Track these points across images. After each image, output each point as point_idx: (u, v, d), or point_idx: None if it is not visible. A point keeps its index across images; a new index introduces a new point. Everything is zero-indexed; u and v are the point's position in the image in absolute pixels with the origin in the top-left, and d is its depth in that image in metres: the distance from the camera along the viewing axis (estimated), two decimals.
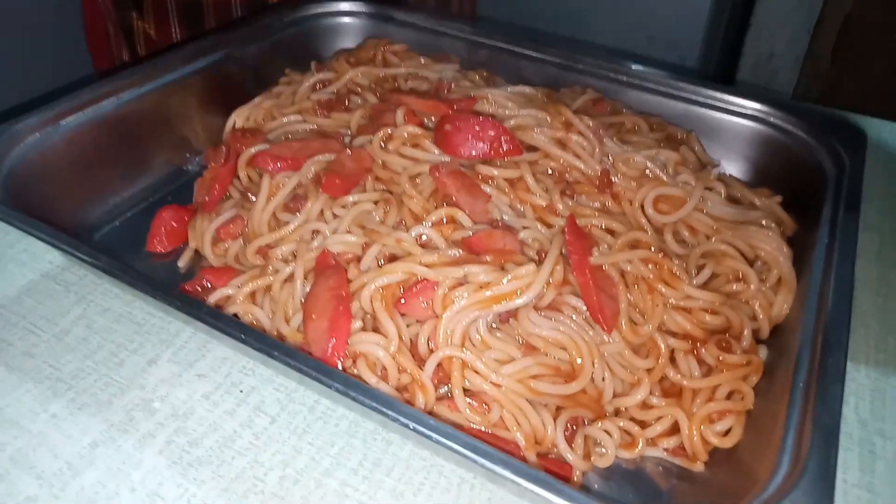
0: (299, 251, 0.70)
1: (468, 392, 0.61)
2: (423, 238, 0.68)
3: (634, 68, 0.96)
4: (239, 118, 0.91)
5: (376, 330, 0.63)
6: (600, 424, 0.62)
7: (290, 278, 0.69)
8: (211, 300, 0.70)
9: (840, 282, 0.63)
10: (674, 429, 0.62)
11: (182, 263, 0.80)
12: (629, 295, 0.67)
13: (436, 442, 0.49)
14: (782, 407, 0.55)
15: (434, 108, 0.81)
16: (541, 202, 0.73)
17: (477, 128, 0.75)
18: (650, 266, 0.69)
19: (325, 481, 0.60)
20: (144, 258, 0.81)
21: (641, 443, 0.62)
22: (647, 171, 0.78)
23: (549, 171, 0.77)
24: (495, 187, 0.74)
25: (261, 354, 0.55)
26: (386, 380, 0.61)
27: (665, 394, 0.64)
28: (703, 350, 0.65)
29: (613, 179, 0.76)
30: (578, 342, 0.63)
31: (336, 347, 0.61)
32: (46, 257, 0.81)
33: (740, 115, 0.90)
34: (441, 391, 0.63)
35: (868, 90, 1.88)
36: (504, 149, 0.75)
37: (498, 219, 0.72)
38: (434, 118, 0.81)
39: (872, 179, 0.96)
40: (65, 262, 0.80)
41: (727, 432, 0.61)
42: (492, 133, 0.74)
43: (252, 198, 0.77)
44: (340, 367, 0.61)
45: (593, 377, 0.63)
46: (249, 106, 0.92)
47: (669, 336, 0.66)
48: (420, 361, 0.62)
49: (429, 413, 0.59)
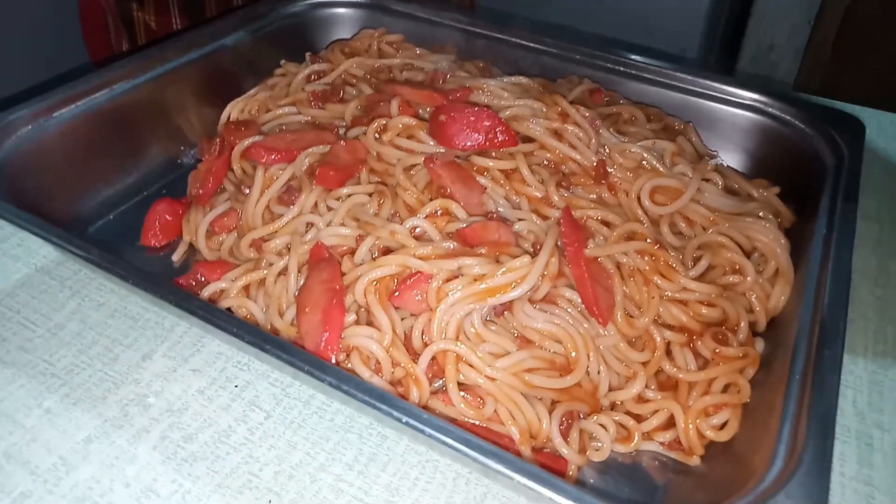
0: (293, 244, 0.70)
1: (463, 386, 0.61)
2: (418, 230, 0.68)
3: (632, 58, 0.95)
4: (234, 110, 0.91)
5: (370, 323, 0.63)
6: (596, 418, 0.61)
7: (284, 271, 0.68)
8: (204, 294, 0.70)
9: (837, 272, 0.63)
10: (670, 422, 0.62)
11: (176, 257, 0.79)
12: (625, 287, 0.66)
13: (428, 436, 0.49)
14: (779, 399, 0.54)
15: (429, 99, 0.80)
16: (536, 194, 0.72)
17: (472, 118, 0.74)
18: (646, 258, 0.68)
19: (320, 476, 0.59)
20: (139, 252, 0.81)
21: (637, 437, 0.61)
22: (644, 162, 0.77)
23: (545, 163, 0.76)
24: (490, 179, 0.73)
25: (253, 349, 0.55)
26: (380, 374, 0.61)
27: (661, 387, 0.64)
28: (700, 343, 0.65)
29: (609, 170, 0.76)
30: (574, 335, 0.62)
31: (329, 341, 0.60)
32: (41, 251, 0.81)
33: (738, 106, 0.89)
34: (436, 385, 0.62)
35: (869, 81, 1.87)
36: (499, 140, 0.74)
37: (493, 210, 0.71)
38: (429, 109, 0.80)
39: (872, 170, 0.96)
40: (59, 257, 0.80)
41: (723, 426, 0.61)
42: (487, 124, 0.74)
43: (246, 190, 0.77)
44: (334, 361, 0.60)
45: (589, 370, 0.62)
46: (244, 98, 0.92)
47: (665, 329, 0.66)
48: (414, 355, 0.62)
49: (423, 407, 0.59)
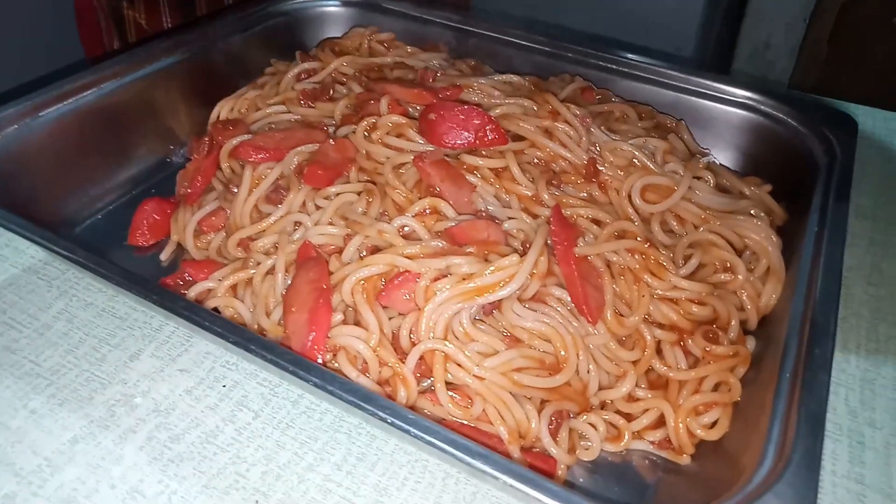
0: (280, 243, 0.69)
1: (451, 386, 0.61)
2: (406, 229, 0.67)
3: (624, 57, 0.94)
4: (223, 109, 0.90)
5: (358, 323, 0.63)
6: (585, 417, 0.61)
7: (272, 271, 0.68)
8: (191, 294, 0.69)
9: (829, 270, 0.62)
10: (660, 421, 0.62)
11: (164, 257, 0.79)
12: (615, 286, 0.66)
13: (414, 437, 0.49)
14: (769, 397, 0.54)
15: (419, 97, 0.80)
16: (526, 192, 0.72)
17: (462, 117, 0.73)
18: (636, 256, 0.68)
19: (309, 476, 0.59)
20: (127, 251, 0.80)
21: (627, 436, 0.61)
22: (635, 160, 0.77)
23: (536, 161, 0.76)
24: (480, 177, 0.73)
25: (238, 349, 0.54)
26: (367, 373, 0.61)
27: (651, 386, 0.64)
28: (690, 341, 0.65)
29: (600, 168, 0.75)
30: (563, 334, 0.62)
31: (316, 341, 0.60)
32: (28, 251, 0.80)
33: (730, 104, 0.89)
34: (424, 385, 0.62)
35: (864, 79, 1.87)
36: (489, 138, 0.73)
37: (483, 209, 0.71)
38: (419, 107, 0.79)
39: (866, 168, 0.96)
40: (47, 257, 0.79)
41: (714, 424, 0.61)
42: (477, 122, 0.73)
43: (234, 189, 0.76)
44: (320, 361, 0.60)
45: (578, 369, 0.62)
46: (234, 97, 0.91)
47: (656, 327, 0.66)
48: (402, 355, 0.61)
49: (411, 407, 0.59)
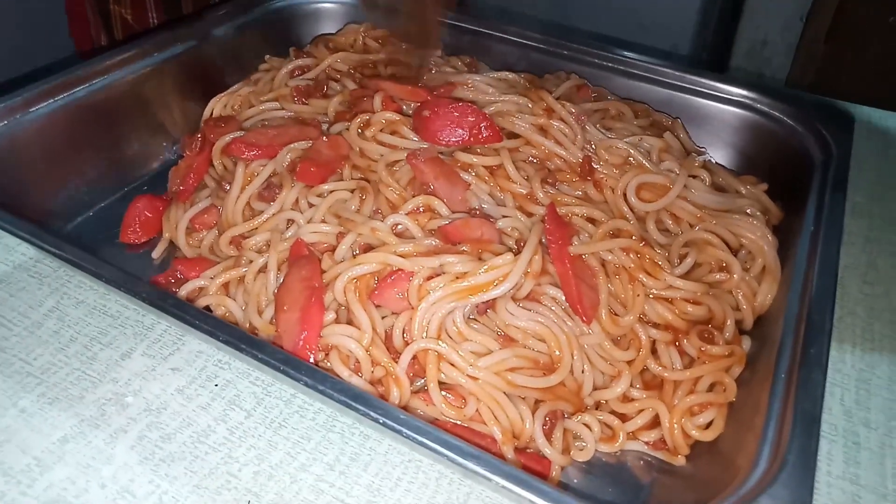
0: (273, 241, 0.69)
1: (445, 385, 0.60)
2: (399, 227, 0.67)
3: (620, 54, 0.94)
4: (217, 106, 0.90)
5: (350, 322, 0.62)
6: (580, 418, 0.61)
7: (264, 269, 0.67)
8: (182, 292, 0.69)
9: (824, 268, 0.62)
10: (655, 422, 0.61)
11: (156, 254, 0.78)
12: (610, 285, 0.66)
13: (407, 437, 0.48)
14: (764, 397, 0.54)
15: (413, 94, 0.79)
16: (521, 190, 0.72)
17: (456, 114, 0.73)
18: (631, 255, 0.67)
19: (301, 476, 0.58)
20: (118, 249, 0.80)
21: (622, 436, 0.61)
22: (630, 159, 0.76)
23: (530, 159, 0.75)
24: (474, 175, 0.72)
25: (229, 347, 0.54)
26: (359, 373, 0.60)
27: (646, 386, 0.63)
28: (685, 341, 0.64)
29: (595, 167, 0.75)
30: (557, 333, 0.61)
31: (307, 340, 0.59)
32: (19, 249, 0.79)
33: (726, 102, 0.88)
34: (417, 384, 0.61)
35: (861, 78, 1.87)
36: (483, 135, 0.73)
37: (477, 207, 0.70)
38: (413, 104, 0.79)
39: (862, 167, 0.96)
40: (38, 254, 0.79)
41: (709, 425, 0.60)
42: (471, 119, 0.73)
43: (227, 187, 0.76)
44: (312, 360, 0.59)
45: (572, 369, 0.62)
46: (227, 93, 0.90)
47: (651, 327, 0.65)
48: (395, 354, 0.61)
49: (403, 407, 0.58)
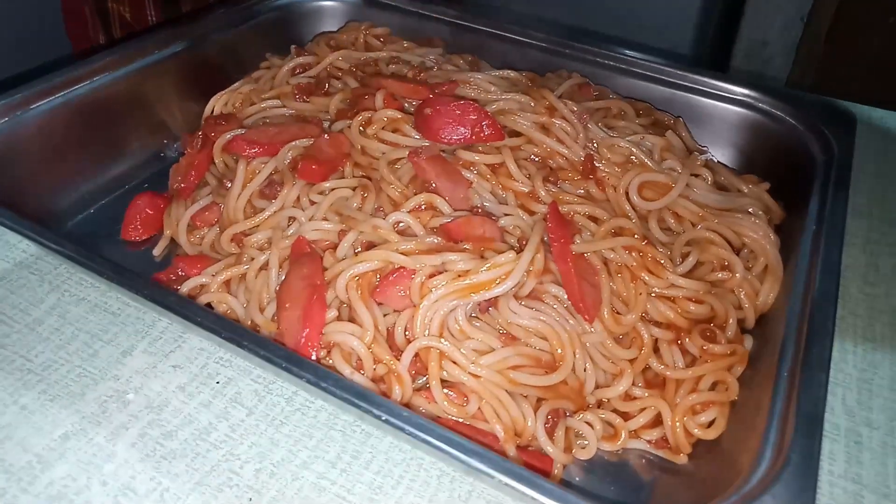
0: (274, 239, 0.68)
1: (447, 383, 0.60)
2: (401, 225, 0.66)
3: (622, 53, 0.94)
4: (217, 104, 0.89)
5: (352, 319, 0.62)
6: (582, 416, 0.61)
7: (266, 266, 0.67)
8: (184, 289, 0.69)
9: (827, 268, 0.62)
10: (657, 420, 0.61)
11: (157, 252, 0.78)
12: (612, 283, 0.65)
13: (409, 434, 0.48)
14: (766, 396, 0.54)
15: (414, 92, 0.79)
16: (523, 189, 0.71)
17: (458, 112, 0.73)
18: (634, 254, 0.67)
19: (303, 474, 0.58)
20: (119, 246, 0.80)
21: (624, 435, 0.61)
22: (633, 157, 0.76)
23: (532, 158, 0.75)
24: (476, 173, 0.72)
25: (231, 344, 0.54)
26: (361, 371, 0.60)
27: (648, 385, 0.63)
28: (687, 340, 0.64)
29: (597, 165, 0.75)
30: (559, 332, 0.61)
31: (309, 337, 0.59)
32: (20, 246, 0.79)
33: (728, 101, 0.88)
34: (419, 382, 0.61)
35: (861, 78, 1.87)
36: (485, 133, 0.73)
37: (479, 206, 0.70)
38: (415, 102, 0.79)
39: (863, 167, 0.96)
40: (39, 252, 0.79)
41: (711, 424, 0.60)
42: (473, 117, 0.73)
43: (228, 184, 0.75)
44: (314, 358, 0.59)
45: (574, 368, 0.61)
46: (228, 91, 0.90)
47: (653, 325, 0.65)
48: (397, 352, 0.61)
49: (405, 405, 0.58)
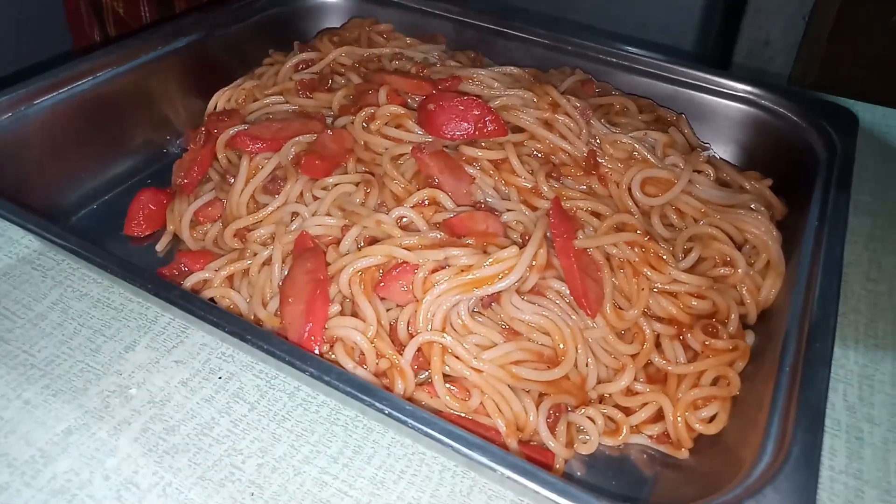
0: (278, 234, 0.68)
1: (449, 378, 0.60)
2: (404, 220, 0.67)
3: (625, 50, 0.94)
4: (221, 99, 0.90)
5: (355, 314, 0.62)
6: (583, 411, 0.61)
7: (269, 261, 0.67)
8: (187, 284, 0.69)
9: (829, 265, 0.62)
10: (658, 415, 0.62)
11: (160, 247, 0.78)
12: (614, 279, 0.66)
13: (411, 428, 0.48)
14: (768, 392, 0.54)
15: (418, 88, 0.79)
16: (526, 184, 0.72)
17: (461, 107, 0.73)
18: (636, 249, 0.67)
19: (305, 469, 0.59)
20: (123, 241, 0.80)
21: (625, 430, 0.61)
22: (635, 153, 0.76)
23: (535, 153, 0.75)
24: (479, 169, 0.72)
25: (234, 339, 0.54)
26: (364, 365, 0.60)
27: (650, 380, 0.63)
28: (689, 335, 0.64)
29: (600, 161, 0.75)
30: (562, 327, 0.62)
31: (312, 332, 0.59)
32: (23, 241, 0.79)
33: (731, 98, 0.88)
34: (421, 377, 0.61)
35: (863, 76, 1.87)
36: (488, 129, 0.73)
37: (482, 201, 0.70)
38: (418, 98, 0.79)
39: (865, 165, 0.96)
40: (41, 247, 0.79)
41: (712, 419, 0.60)
42: (476, 113, 0.73)
43: (231, 180, 0.75)
44: (317, 352, 0.59)
45: (577, 363, 0.62)
46: (231, 87, 0.90)
47: (655, 321, 0.65)
48: (400, 346, 0.61)
49: (408, 399, 0.58)
